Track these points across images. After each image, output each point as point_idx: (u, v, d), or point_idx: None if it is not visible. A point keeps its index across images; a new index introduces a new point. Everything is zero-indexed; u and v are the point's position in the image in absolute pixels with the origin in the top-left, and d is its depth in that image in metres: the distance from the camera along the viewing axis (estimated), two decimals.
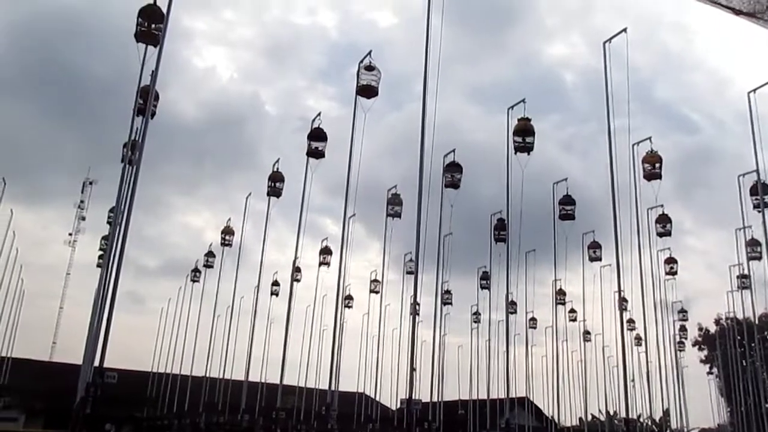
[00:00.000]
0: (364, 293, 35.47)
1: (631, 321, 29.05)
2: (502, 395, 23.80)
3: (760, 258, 25.14)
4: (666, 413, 29.32)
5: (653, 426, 33.51)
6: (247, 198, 29.10)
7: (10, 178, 28.72)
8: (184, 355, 37.26)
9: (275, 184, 23.86)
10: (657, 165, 20.15)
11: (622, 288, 19.20)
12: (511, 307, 27.02)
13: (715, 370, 48.12)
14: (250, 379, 27.16)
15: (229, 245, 30.86)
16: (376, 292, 33.60)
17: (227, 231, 30.78)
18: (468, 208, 28.77)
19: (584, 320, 33.98)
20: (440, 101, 15.97)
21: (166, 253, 74.65)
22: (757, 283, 26.44)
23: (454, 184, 21.11)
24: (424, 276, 21.07)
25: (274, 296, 34.64)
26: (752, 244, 24.98)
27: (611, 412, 38.57)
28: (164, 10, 13.80)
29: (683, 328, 37.45)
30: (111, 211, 19.81)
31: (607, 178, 17.63)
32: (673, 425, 29.77)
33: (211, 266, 33.64)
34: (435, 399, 27.27)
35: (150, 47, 13.66)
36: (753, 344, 37.16)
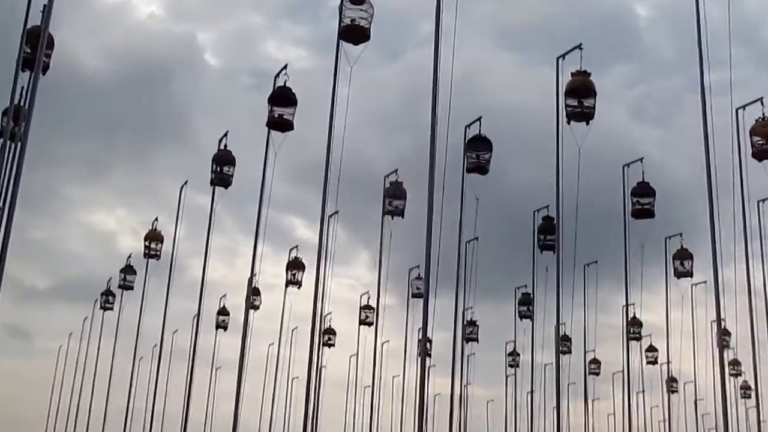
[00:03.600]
0: (352, 325, 35.51)
1: (735, 363, 29.19)
2: None
3: None
4: None
5: None
6: (181, 189, 28.99)
7: None
8: (91, 415, 37.17)
9: (222, 168, 23.75)
10: None
11: (722, 316, 19.25)
12: (564, 344, 27.12)
13: None
14: None
15: (157, 257, 30.71)
16: (369, 324, 33.62)
17: (153, 237, 30.68)
18: (500, 203, 28.81)
19: (669, 362, 34.00)
20: (458, 47, 15.76)
21: (64, 267, 73.55)
22: None
23: (481, 167, 20.95)
24: (438, 300, 20.89)
25: (221, 330, 34.87)
26: None
27: None
28: None
29: None
30: None
31: (698, 158, 17.43)
32: None
33: (130, 287, 33.47)
34: None
35: None
36: None
